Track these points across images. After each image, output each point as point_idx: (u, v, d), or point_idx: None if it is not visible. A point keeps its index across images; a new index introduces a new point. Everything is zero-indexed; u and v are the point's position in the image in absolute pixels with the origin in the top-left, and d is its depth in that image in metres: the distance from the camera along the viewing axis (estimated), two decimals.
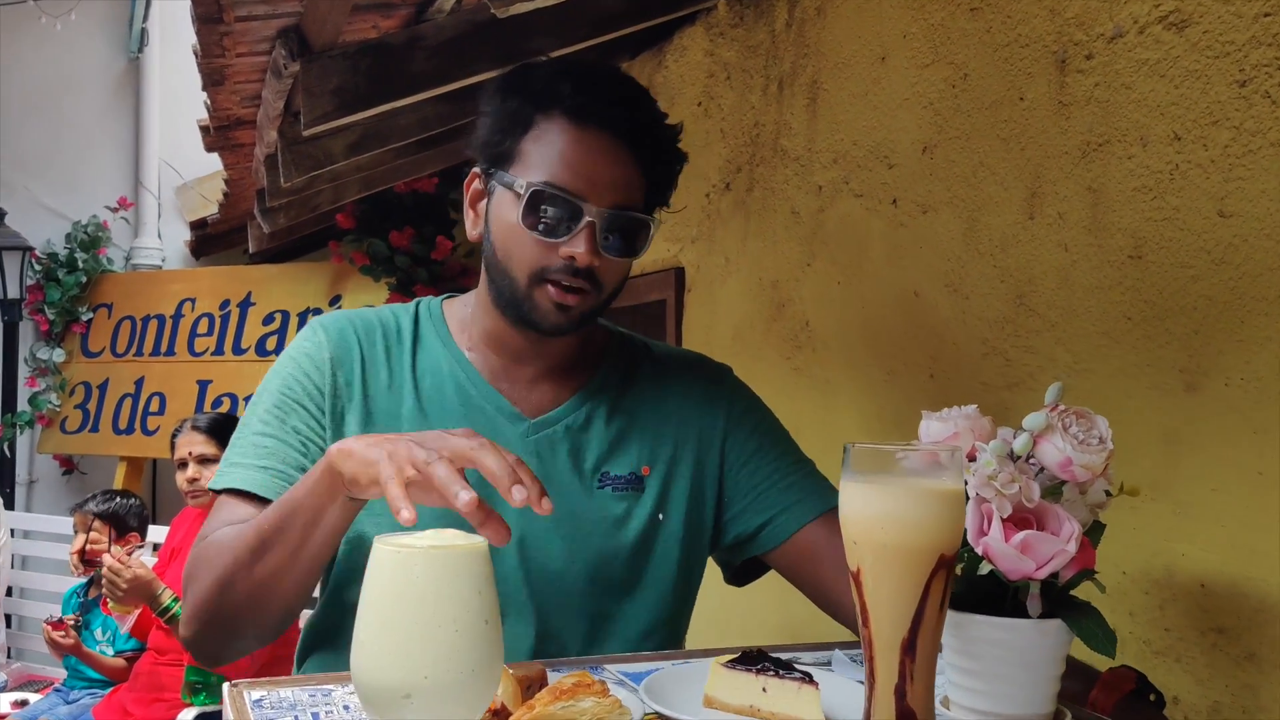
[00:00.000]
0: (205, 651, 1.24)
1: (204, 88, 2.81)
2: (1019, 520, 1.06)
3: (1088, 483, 1.09)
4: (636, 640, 1.33)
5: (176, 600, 2.82)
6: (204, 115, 3.38)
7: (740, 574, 1.47)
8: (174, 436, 3.32)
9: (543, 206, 1.21)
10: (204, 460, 3.20)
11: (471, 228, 1.33)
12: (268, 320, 5.17)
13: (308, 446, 1.26)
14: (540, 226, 1.21)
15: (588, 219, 1.20)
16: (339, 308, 5.06)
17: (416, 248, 4.59)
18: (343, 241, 4.77)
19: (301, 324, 5.09)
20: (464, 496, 0.96)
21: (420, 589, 0.82)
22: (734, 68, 2.58)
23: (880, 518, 0.92)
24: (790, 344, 2.33)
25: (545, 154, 1.22)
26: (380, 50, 2.35)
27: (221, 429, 3.28)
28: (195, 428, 3.25)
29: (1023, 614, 1.05)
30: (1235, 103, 1.26)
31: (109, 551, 2.93)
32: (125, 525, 3.70)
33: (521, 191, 1.21)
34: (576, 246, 1.20)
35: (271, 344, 5.15)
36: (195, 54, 2.53)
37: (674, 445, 1.37)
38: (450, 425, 1.29)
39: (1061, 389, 1.13)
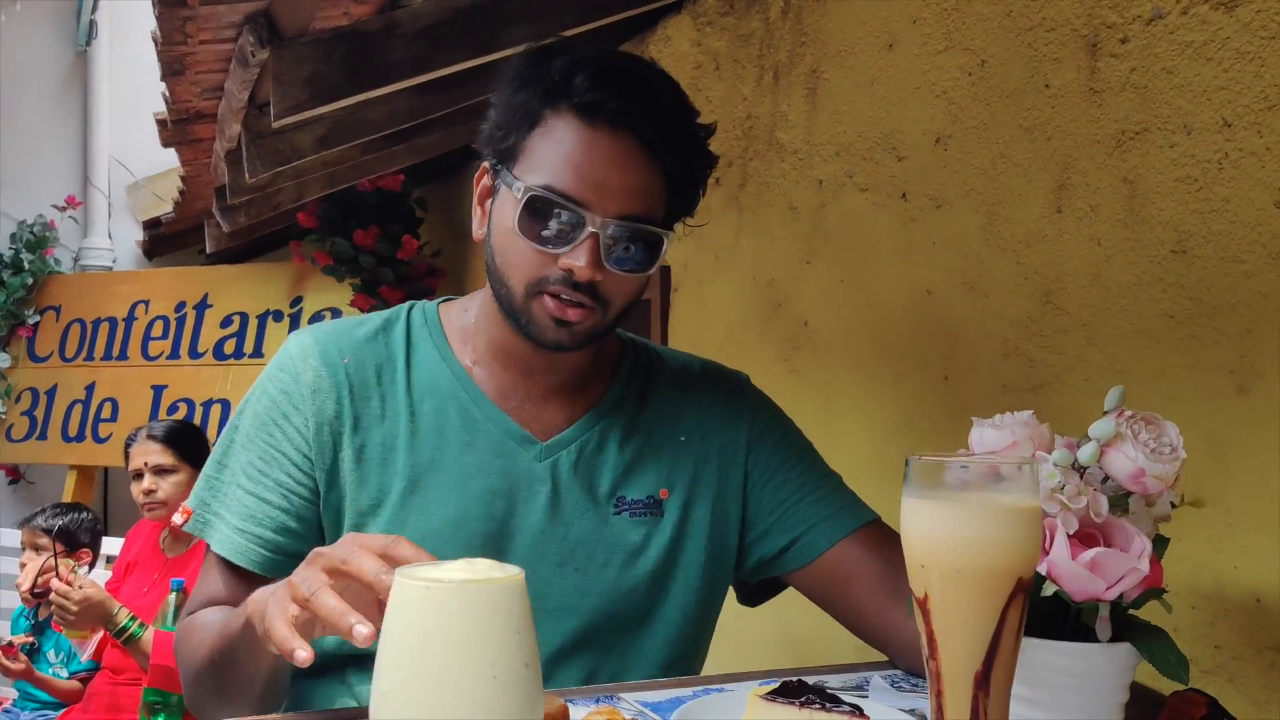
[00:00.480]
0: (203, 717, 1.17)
1: (163, 78, 2.67)
2: (1084, 537, 0.97)
3: (1157, 494, 1.01)
4: (654, 674, 1.23)
5: (134, 619, 2.67)
6: (159, 109, 3.24)
7: (755, 594, 1.37)
8: (128, 445, 3.16)
9: (541, 213, 1.09)
10: (160, 471, 3.05)
11: (478, 227, 1.20)
12: (226, 323, 5.00)
13: (291, 500, 1.15)
14: (538, 235, 1.09)
15: (590, 230, 1.08)
16: (300, 309, 4.92)
17: (382, 247, 4.45)
18: (304, 241, 4.61)
19: (261, 327, 4.94)
20: (360, 631, 0.83)
21: (454, 631, 0.71)
22: (724, 58, 2.48)
23: (953, 539, 0.82)
24: (788, 345, 2.24)
25: (550, 154, 1.10)
26: (355, 37, 2.23)
27: (179, 438, 3.12)
28: (151, 436, 3.08)
29: (1087, 637, 0.96)
30: None
31: (57, 574, 2.76)
32: (76, 541, 3.51)
33: (519, 195, 1.09)
34: (576, 259, 1.08)
35: (230, 347, 4.98)
36: (155, 41, 2.39)
37: (694, 464, 1.26)
38: (452, 454, 1.18)
39: (1123, 393, 1.04)
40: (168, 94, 2.85)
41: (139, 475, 3.06)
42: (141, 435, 3.11)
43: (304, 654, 0.85)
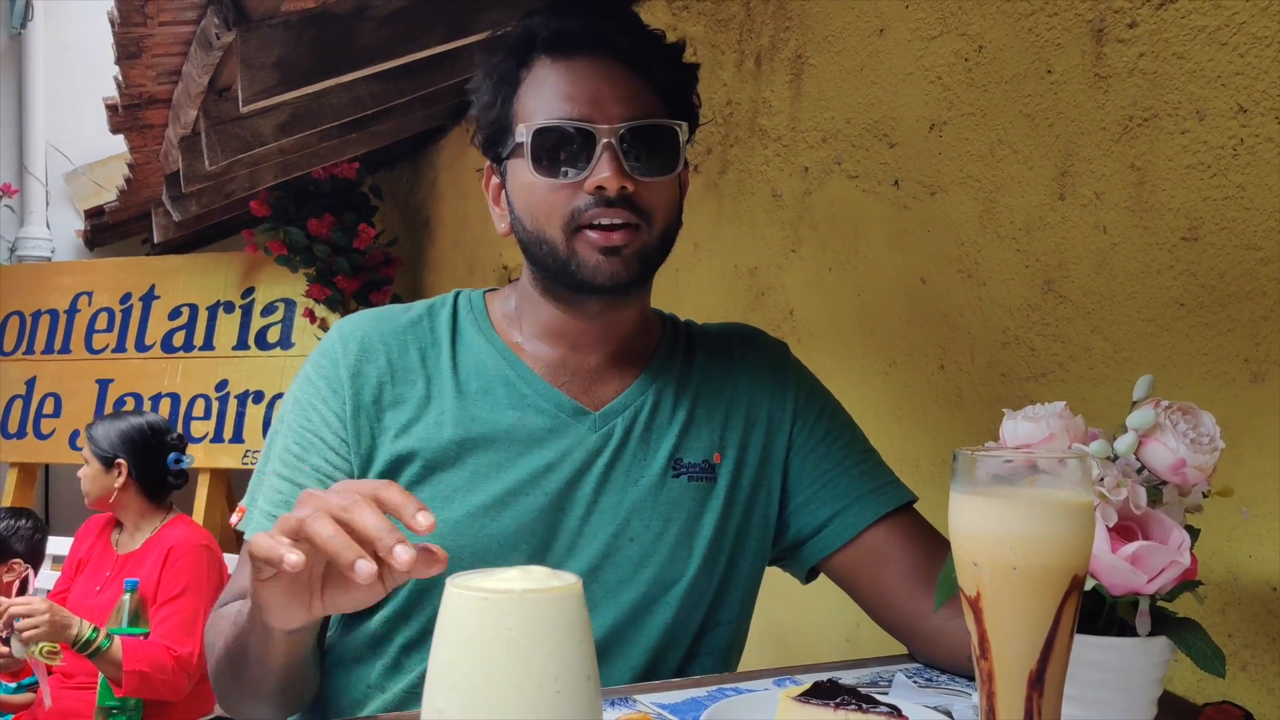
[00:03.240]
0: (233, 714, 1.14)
1: (117, 61, 2.57)
2: (1121, 529, 0.96)
3: (1193, 485, 0.99)
4: (695, 647, 1.22)
5: (95, 630, 2.57)
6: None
7: (812, 573, 1.33)
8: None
9: (551, 147, 1.09)
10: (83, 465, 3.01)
11: (499, 221, 1.20)
12: (174, 315, 4.87)
13: (325, 485, 1.11)
14: (556, 168, 1.09)
15: (603, 142, 1.08)
16: (252, 300, 4.81)
17: (337, 236, 4.37)
18: (257, 230, 4.51)
19: (211, 318, 4.82)
20: (363, 568, 0.78)
21: (515, 644, 0.67)
22: (701, 43, 2.44)
23: (1009, 537, 0.80)
24: (772, 334, 2.20)
25: (538, 96, 1.11)
26: (324, 20, 2.15)
27: (95, 432, 3.08)
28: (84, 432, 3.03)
29: (1120, 631, 0.95)
30: None
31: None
32: (8, 550, 3.37)
33: (525, 139, 1.09)
34: (600, 173, 1.08)
35: (179, 340, 4.85)
36: (111, 23, 2.29)
37: (743, 429, 1.25)
38: (502, 428, 1.16)
39: (1153, 381, 1.03)
40: (121, 78, 2.74)
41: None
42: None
43: (294, 556, 0.78)
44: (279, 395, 4.56)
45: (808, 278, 2.11)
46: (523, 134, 1.10)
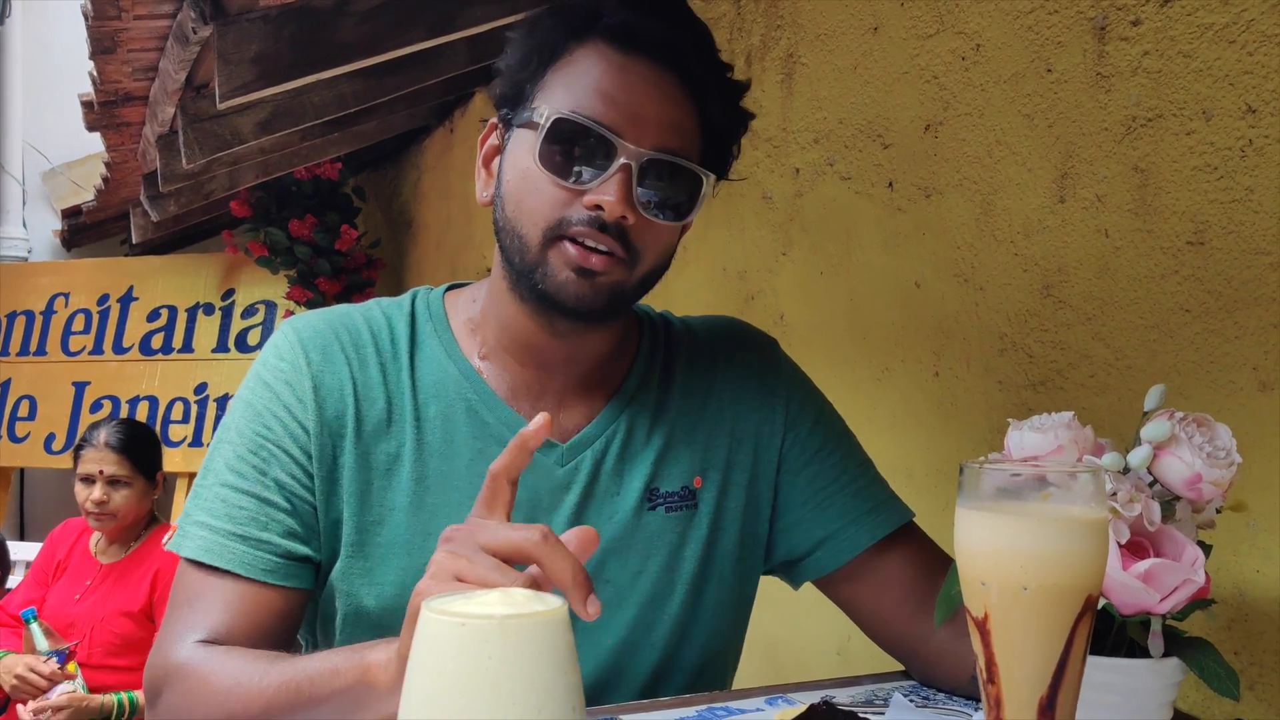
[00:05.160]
0: None
1: (91, 56, 2.51)
2: (1133, 546, 0.91)
3: (1207, 501, 0.95)
4: (690, 684, 1.14)
5: (120, 698, 2.53)
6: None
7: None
8: (80, 448, 2.97)
9: (567, 142, 0.97)
10: (115, 482, 2.88)
11: (482, 189, 1.08)
12: (153, 316, 4.81)
13: (294, 503, 1.02)
14: (562, 167, 0.97)
15: (623, 160, 0.96)
16: (233, 302, 4.74)
17: (319, 237, 4.32)
18: (237, 231, 4.46)
19: (191, 320, 4.76)
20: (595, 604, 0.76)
21: (496, 673, 0.62)
22: None
23: (1020, 555, 0.76)
24: None
25: (577, 83, 0.98)
26: (305, 14, 2.10)
27: (138, 447, 2.96)
28: (109, 445, 2.91)
29: (1129, 652, 0.91)
30: None
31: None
32: None
33: (542, 122, 0.97)
34: (605, 194, 0.95)
35: (157, 342, 4.79)
36: (85, 16, 2.24)
37: (728, 446, 1.15)
38: (463, 464, 1.05)
39: (1164, 392, 0.99)
40: (96, 74, 2.68)
41: (89, 480, 2.89)
42: (99, 440, 2.93)
43: (595, 607, 0.75)
44: None
45: (799, 281, 2.06)
46: (543, 115, 0.98)
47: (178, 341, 4.76)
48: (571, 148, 0.97)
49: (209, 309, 4.76)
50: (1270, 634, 1.22)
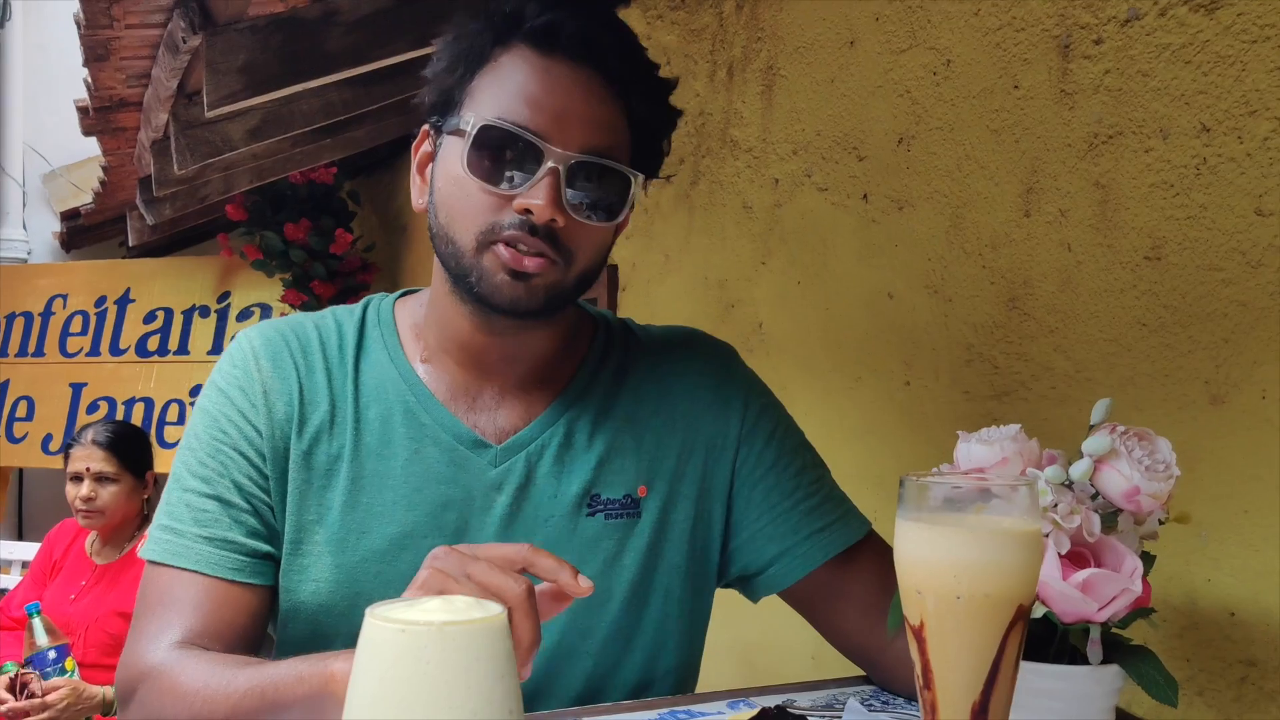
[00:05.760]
0: None
1: (85, 63, 2.54)
2: (1074, 556, 0.94)
3: (1148, 513, 0.98)
4: (635, 695, 1.16)
5: None
6: (76, 97, 3.10)
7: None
8: (69, 446, 3.02)
9: (494, 148, 0.99)
10: (102, 479, 2.92)
11: (418, 196, 1.10)
12: (149, 319, 4.84)
13: (254, 504, 1.05)
14: (489, 174, 0.99)
15: (550, 164, 0.98)
16: (228, 305, 4.78)
17: (313, 241, 4.35)
18: (233, 234, 4.50)
19: (187, 323, 4.79)
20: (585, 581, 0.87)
21: (433, 679, 0.65)
22: (674, 53, 2.43)
23: (954, 565, 0.78)
24: (741, 347, 2.15)
25: (502, 88, 1.00)
26: (292, 25, 2.13)
27: (125, 445, 3.00)
28: (96, 443, 2.95)
29: (1071, 659, 0.93)
30: (1275, 91, 1.16)
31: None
32: None
33: (468, 129, 0.99)
34: (534, 198, 0.97)
35: (153, 344, 4.82)
36: (78, 24, 2.27)
37: (677, 456, 1.15)
38: (398, 464, 1.08)
39: (1111, 405, 1.02)
40: (90, 80, 2.72)
41: (78, 479, 2.93)
42: (86, 438, 2.98)
43: (587, 582, 0.84)
44: None
45: (777, 290, 2.09)
46: (469, 122, 1.00)
47: (174, 344, 4.79)
48: (499, 153, 0.99)
49: (205, 311, 4.79)
50: (1219, 642, 1.25)
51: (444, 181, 1.04)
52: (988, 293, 1.57)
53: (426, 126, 1.09)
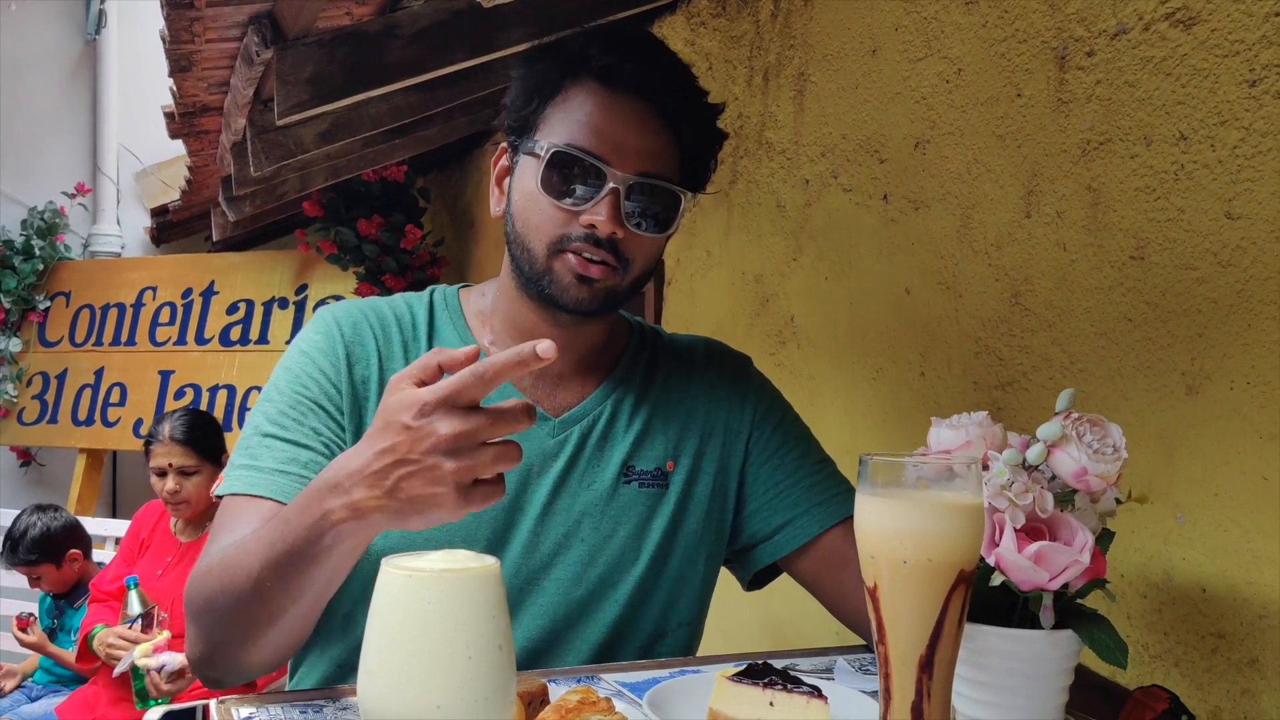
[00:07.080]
0: (209, 677, 1.14)
1: (170, 74, 2.73)
2: (1031, 530, 1.04)
3: (1100, 492, 1.07)
4: (650, 647, 1.30)
5: None
6: (166, 100, 3.30)
7: (755, 580, 1.42)
8: (149, 442, 3.20)
9: (564, 170, 1.16)
10: (184, 473, 3.10)
11: (495, 205, 1.28)
12: (231, 310, 5.08)
13: (331, 450, 1.17)
14: (560, 192, 1.16)
15: (611, 185, 1.15)
16: (305, 297, 4.99)
17: (385, 236, 4.53)
18: (309, 230, 4.69)
19: (266, 314, 5.01)
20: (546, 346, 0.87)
21: (433, 615, 0.78)
22: (716, 58, 2.54)
23: (899, 533, 0.89)
24: (774, 339, 2.30)
25: (570, 118, 1.18)
26: (356, 38, 2.29)
27: (201, 437, 3.18)
28: (174, 439, 3.11)
29: (1032, 624, 1.03)
30: (1245, 102, 1.24)
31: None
32: (60, 549, 3.54)
33: (542, 154, 1.17)
34: (597, 214, 1.15)
35: (236, 334, 5.06)
36: (163, 39, 2.45)
37: (699, 439, 1.33)
38: None
39: (1074, 395, 1.11)
40: (175, 89, 2.91)
41: (162, 473, 3.12)
42: (164, 435, 3.14)
43: (548, 342, 0.86)
44: None
45: (807, 286, 2.20)
46: (543, 147, 1.16)
47: (254, 333, 5.03)
48: (568, 174, 1.17)
49: (284, 303, 5.01)
50: (1194, 616, 1.33)
51: (520, 195, 1.21)
52: (993, 289, 1.66)
53: (504, 144, 1.27)
